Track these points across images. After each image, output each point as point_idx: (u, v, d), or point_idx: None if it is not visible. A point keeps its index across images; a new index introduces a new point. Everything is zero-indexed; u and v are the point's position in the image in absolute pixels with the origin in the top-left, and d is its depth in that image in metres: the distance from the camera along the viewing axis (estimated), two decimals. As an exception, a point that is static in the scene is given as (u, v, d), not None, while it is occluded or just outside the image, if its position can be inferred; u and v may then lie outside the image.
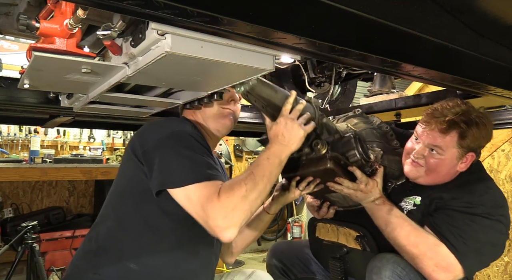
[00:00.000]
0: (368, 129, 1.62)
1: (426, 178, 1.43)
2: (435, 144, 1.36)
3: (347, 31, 0.79)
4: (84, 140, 4.42)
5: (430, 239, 1.31)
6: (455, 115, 1.34)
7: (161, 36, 0.80)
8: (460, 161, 1.39)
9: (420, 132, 1.41)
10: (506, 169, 3.15)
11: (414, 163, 1.42)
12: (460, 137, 1.34)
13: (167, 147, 1.18)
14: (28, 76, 1.08)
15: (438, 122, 1.35)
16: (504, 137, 3.18)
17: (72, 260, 1.34)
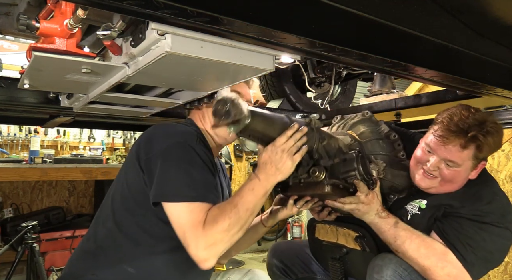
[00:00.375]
0: (375, 140, 1.55)
1: (439, 188, 1.40)
2: (450, 159, 1.33)
3: (347, 31, 0.79)
4: (84, 140, 4.42)
5: (439, 249, 1.30)
6: (474, 129, 1.30)
7: (161, 36, 0.80)
8: (472, 170, 1.37)
9: (434, 146, 1.36)
10: (506, 169, 3.15)
11: (428, 175, 1.39)
12: (478, 150, 1.31)
13: (168, 159, 1.18)
14: (28, 76, 1.08)
15: (457, 137, 1.30)
16: (504, 137, 3.18)
17: (70, 258, 1.34)
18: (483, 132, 1.29)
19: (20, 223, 2.70)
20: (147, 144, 1.25)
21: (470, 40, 0.93)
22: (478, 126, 1.30)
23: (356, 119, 1.67)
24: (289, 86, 2.76)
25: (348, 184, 1.38)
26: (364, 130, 1.60)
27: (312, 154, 1.32)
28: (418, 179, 1.43)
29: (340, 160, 1.38)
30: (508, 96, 1.25)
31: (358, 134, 1.59)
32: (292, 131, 1.23)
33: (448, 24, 0.86)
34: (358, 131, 1.61)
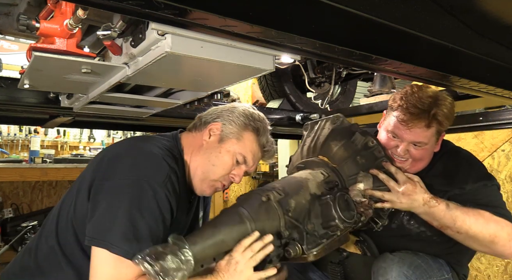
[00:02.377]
0: (351, 159, 1.40)
1: (411, 169, 1.44)
2: (418, 140, 1.37)
3: (347, 31, 0.79)
4: (84, 140, 4.42)
5: (489, 215, 1.31)
6: (433, 107, 1.34)
7: (161, 36, 0.80)
8: (438, 141, 1.45)
9: (399, 131, 1.39)
10: (506, 169, 3.15)
11: (399, 160, 1.42)
12: (440, 125, 1.37)
13: (119, 198, 1.04)
14: (28, 76, 1.08)
15: (420, 119, 1.34)
16: (504, 137, 3.18)
17: (7, 270, 1.21)
18: (440, 107, 1.35)
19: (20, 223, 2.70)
20: (109, 168, 1.12)
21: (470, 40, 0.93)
22: (434, 103, 1.35)
23: (327, 130, 1.50)
24: (289, 86, 2.76)
25: (332, 234, 1.24)
26: (337, 150, 1.43)
27: (281, 235, 1.17)
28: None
29: (317, 215, 1.24)
30: (508, 96, 1.25)
31: (331, 156, 1.44)
32: (251, 240, 1.08)
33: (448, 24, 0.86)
34: (330, 152, 1.45)
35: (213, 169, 1.23)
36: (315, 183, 1.32)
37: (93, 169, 1.15)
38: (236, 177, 1.26)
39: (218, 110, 1.31)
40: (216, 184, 1.26)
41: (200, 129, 1.29)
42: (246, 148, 1.25)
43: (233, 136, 1.24)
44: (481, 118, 2.20)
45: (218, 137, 1.24)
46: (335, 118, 1.52)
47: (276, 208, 1.17)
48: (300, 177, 1.33)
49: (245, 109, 1.30)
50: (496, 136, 3.22)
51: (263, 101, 3.07)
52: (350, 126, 1.48)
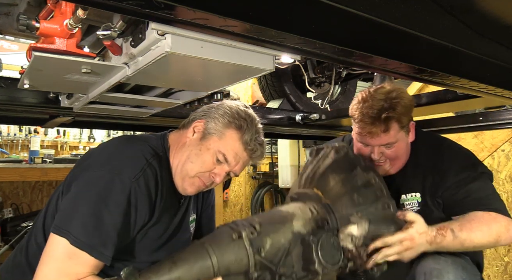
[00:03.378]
0: (347, 196, 1.25)
1: (394, 168, 1.49)
2: (387, 142, 1.42)
3: (347, 31, 0.79)
4: (84, 140, 4.42)
5: (485, 216, 1.34)
6: (383, 111, 1.38)
7: (161, 36, 0.80)
8: (408, 135, 1.48)
9: (366, 141, 1.45)
10: (506, 169, 3.15)
11: (378, 163, 1.47)
12: (399, 122, 1.41)
13: (88, 190, 1.04)
14: (28, 76, 1.08)
15: (375, 126, 1.39)
16: (504, 137, 3.18)
17: (1, 268, 1.22)
18: (391, 108, 1.39)
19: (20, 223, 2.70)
20: (88, 161, 1.14)
21: (470, 40, 0.93)
22: (386, 107, 1.39)
23: (329, 160, 1.38)
24: (289, 86, 2.76)
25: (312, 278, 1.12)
26: (334, 184, 1.31)
27: (249, 276, 1.05)
28: None
29: (297, 257, 1.12)
30: (508, 96, 1.25)
31: (327, 191, 1.32)
32: None
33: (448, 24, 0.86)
34: (327, 187, 1.32)
35: (191, 166, 1.20)
36: (302, 220, 1.20)
37: (77, 164, 1.18)
38: (216, 177, 1.22)
39: (207, 107, 1.30)
40: (195, 181, 1.22)
41: (187, 126, 1.29)
42: (227, 147, 1.20)
43: (215, 133, 1.20)
44: (481, 118, 2.20)
45: (201, 134, 1.22)
46: (340, 148, 1.41)
47: (246, 247, 1.06)
48: (287, 212, 1.22)
49: (232, 106, 1.25)
50: (496, 136, 3.21)
51: (263, 101, 3.07)
52: (353, 159, 1.37)
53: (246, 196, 5.45)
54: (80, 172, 1.12)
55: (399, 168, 1.50)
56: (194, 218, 1.42)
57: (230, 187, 5.20)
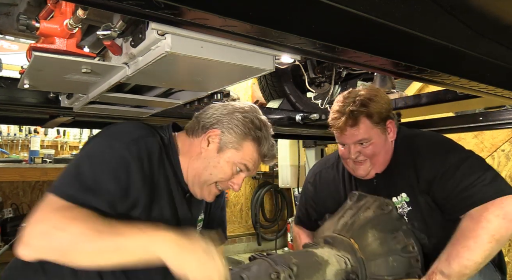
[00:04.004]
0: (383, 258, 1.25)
1: (375, 167, 1.49)
2: (359, 139, 1.44)
3: (348, 31, 0.79)
4: (84, 140, 4.41)
5: (470, 227, 1.25)
6: (349, 106, 1.43)
7: (161, 36, 0.80)
8: (387, 133, 1.48)
9: (340, 139, 1.49)
10: (506, 169, 3.15)
11: (357, 163, 1.49)
12: (369, 117, 1.42)
13: (81, 154, 1.09)
14: (28, 76, 1.08)
15: (343, 122, 1.43)
16: (504, 137, 3.18)
17: (9, 267, 1.18)
18: (356, 103, 1.43)
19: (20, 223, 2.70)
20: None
21: (470, 40, 0.93)
22: (351, 102, 1.44)
23: (371, 213, 1.37)
24: (289, 86, 2.76)
25: None
26: (372, 241, 1.30)
27: None
28: (356, 171, 1.51)
29: None
30: (508, 96, 1.25)
31: (364, 245, 1.30)
32: None
33: (448, 24, 0.86)
34: (364, 241, 1.31)
35: (210, 177, 1.21)
36: (334, 270, 1.22)
37: None
38: (235, 186, 1.24)
39: (217, 113, 1.26)
40: (212, 188, 1.24)
41: (197, 134, 1.25)
42: (246, 157, 1.22)
43: (232, 146, 1.21)
44: (481, 118, 2.20)
45: (217, 145, 1.21)
46: (385, 204, 1.41)
47: None
48: (322, 258, 1.24)
49: (246, 115, 1.24)
50: (496, 136, 3.22)
51: (263, 101, 3.07)
52: (397, 220, 1.38)
53: (246, 196, 5.46)
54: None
55: (382, 168, 1.49)
56: (202, 218, 1.40)
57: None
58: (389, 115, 1.49)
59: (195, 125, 1.27)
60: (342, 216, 1.46)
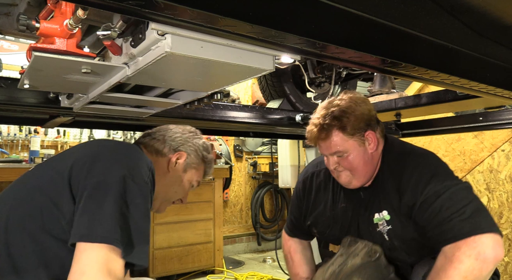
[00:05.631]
0: None
1: (357, 178, 1.44)
2: (333, 151, 1.41)
3: (348, 31, 0.79)
4: (84, 140, 4.42)
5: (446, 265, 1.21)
6: (322, 119, 1.40)
7: (161, 36, 0.80)
8: (366, 145, 1.42)
9: (319, 151, 1.48)
10: (506, 169, 3.15)
11: (338, 172, 1.46)
12: (342, 130, 1.38)
13: (107, 195, 1.01)
14: (28, 76, 1.08)
15: (316, 136, 1.42)
16: (504, 137, 3.18)
17: None
18: (329, 116, 1.39)
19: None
20: (90, 165, 1.07)
21: (470, 40, 0.93)
22: (324, 115, 1.41)
23: (358, 260, 1.38)
24: (289, 86, 2.76)
25: None
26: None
27: None
28: (339, 180, 1.48)
29: None
30: (508, 96, 1.25)
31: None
32: None
33: (448, 24, 0.86)
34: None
35: (174, 194, 1.39)
36: None
37: (70, 167, 1.09)
38: (185, 199, 1.44)
39: (179, 136, 1.39)
40: (169, 203, 1.42)
41: (163, 154, 1.35)
42: (200, 176, 1.44)
43: (194, 167, 1.40)
44: (481, 118, 2.20)
45: (182, 166, 1.37)
46: (373, 251, 1.39)
47: None
48: None
49: (204, 141, 1.45)
50: (496, 136, 3.22)
51: (263, 101, 3.07)
52: (383, 268, 1.37)
53: (246, 196, 5.46)
54: (87, 179, 1.05)
55: (364, 179, 1.44)
56: None
57: (230, 187, 5.21)
58: (369, 125, 1.42)
59: (159, 145, 1.36)
60: (332, 264, 1.47)
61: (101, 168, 1.07)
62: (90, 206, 1.00)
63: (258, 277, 4.05)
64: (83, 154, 1.13)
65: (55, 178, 1.09)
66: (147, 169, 1.13)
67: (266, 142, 5.36)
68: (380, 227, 1.43)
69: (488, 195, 3.24)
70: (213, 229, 4.15)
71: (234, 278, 4.06)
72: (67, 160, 1.14)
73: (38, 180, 1.14)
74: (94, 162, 1.08)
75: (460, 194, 1.28)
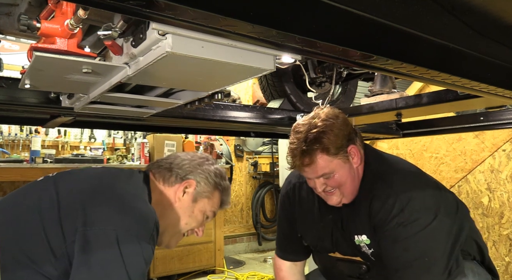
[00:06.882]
0: None
1: (346, 195, 1.40)
2: (320, 174, 1.36)
3: (348, 31, 0.79)
4: (85, 140, 4.42)
5: None
6: (301, 146, 1.34)
7: (162, 36, 0.80)
8: (350, 160, 1.38)
9: (303, 175, 1.42)
10: (507, 169, 3.15)
11: (326, 193, 1.40)
12: (325, 152, 1.33)
13: (109, 253, 0.96)
14: (29, 76, 1.08)
15: (300, 163, 1.36)
16: (505, 137, 3.17)
17: None
18: (309, 140, 1.32)
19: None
20: (92, 209, 1.02)
21: (471, 40, 0.93)
22: (304, 139, 1.33)
23: None
24: (290, 86, 2.76)
25: None
26: None
27: None
28: (328, 201, 1.42)
29: None
30: (509, 96, 1.25)
31: None
32: None
33: (449, 24, 0.86)
34: None
35: (185, 226, 1.29)
36: None
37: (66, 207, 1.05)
38: (200, 232, 1.34)
39: (187, 163, 1.31)
40: (180, 236, 1.32)
41: (170, 183, 1.28)
42: (215, 205, 1.33)
43: (205, 195, 1.29)
44: (482, 118, 2.19)
45: (192, 196, 1.28)
46: None
47: None
48: None
49: (216, 167, 1.35)
50: (497, 136, 3.21)
51: (264, 101, 3.07)
52: None
53: (246, 196, 5.46)
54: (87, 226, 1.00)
55: (353, 196, 1.41)
56: None
57: (231, 187, 5.21)
58: (350, 140, 1.39)
59: (165, 174, 1.29)
60: None
61: (101, 215, 1.02)
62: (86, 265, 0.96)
63: (258, 277, 4.05)
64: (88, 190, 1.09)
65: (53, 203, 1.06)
66: (154, 221, 1.07)
67: (267, 142, 5.36)
68: (363, 249, 1.42)
69: (489, 195, 3.24)
70: (214, 229, 4.16)
71: (235, 278, 4.06)
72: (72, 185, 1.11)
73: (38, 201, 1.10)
74: (94, 206, 1.04)
75: (418, 245, 1.27)
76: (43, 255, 1.00)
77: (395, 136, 2.78)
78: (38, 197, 1.12)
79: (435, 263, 1.26)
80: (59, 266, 1.00)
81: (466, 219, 1.45)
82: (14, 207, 1.12)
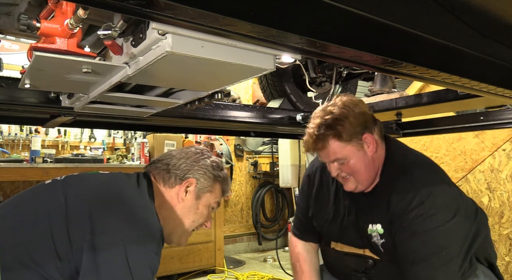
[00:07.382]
0: None
1: (361, 182, 1.42)
2: (333, 159, 1.40)
3: (348, 30, 0.79)
4: (85, 140, 4.42)
5: None
6: (317, 130, 1.39)
7: (161, 35, 0.80)
8: (365, 148, 1.41)
9: (320, 159, 1.48)
10: (507, 169, 3.15)
11: (342, 178, 1.44)
12: (337, 138, 1.37)
13: (115, 262, 0.98)
14: (29, 76, 1.08)
15: (313, 146, 1.41)
16: (505, 137, 3.17)
17: None
18: (328, 126, 1.37)
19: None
20: (98, 217, 1.03)
21: (471, 39, 0.93)
22: (319, 124, 1.39)
23: None
24: (290, 85, 2.76)
25: None
26: None
27: None
28: (344, 186, 1.46)
29: None
30: (509, 95, 1.25)
31: None
32: None
33: (449, 24, 0.86)
34: None
35: (193, 224, 1.32)
36: None
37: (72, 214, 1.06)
38: (208, 224, 1.38)
39: (184, 162, 1.32)
40: (190, 233, 1.35)
41: (170, 184, 1.29)
42: (218, 196, 1.36)
43: (207, 190, 1.33)
44: (482, 118, 2.19)
45: (194, 194, 1.30)
46: None
47: None
48: None
49: (212, 160, 1.37)
50: (497, 135, 3.21)
51: (264, 100, 3.07)
52: None
53: (246, 195, 5.46)
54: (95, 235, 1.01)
55: (368, 184, 1.43)
56: None
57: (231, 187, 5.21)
58: (366, 128, 1.40)
59: (165, 176, 1.30)
60: None
61: (109, 225, 1.03)
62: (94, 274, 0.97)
63: (258, 276, 4.05)
64: (96, 197, 1.10)
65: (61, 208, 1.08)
66: (159, 235, 1.08)
67: (267, 141, 5.36)
68: (374, 239, 1.42)
69: (489, 195, 3.24)
70: (214, 229, 4.16)
71: (235, 277, 4.06)
72: (80, 191, 1.14)
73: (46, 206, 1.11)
74: (102, 215, 1.05)
75: (436, 239, 1.27)
76: (49, 259, 1.01)
77: (395, 136, 2.78)
78: (46, 201, 1.14)
79: (452, 259, 1.26)
80: (64, 272, 1.01)
81: (483, 226, 1.46)
82: (22, 210, 1.13)
